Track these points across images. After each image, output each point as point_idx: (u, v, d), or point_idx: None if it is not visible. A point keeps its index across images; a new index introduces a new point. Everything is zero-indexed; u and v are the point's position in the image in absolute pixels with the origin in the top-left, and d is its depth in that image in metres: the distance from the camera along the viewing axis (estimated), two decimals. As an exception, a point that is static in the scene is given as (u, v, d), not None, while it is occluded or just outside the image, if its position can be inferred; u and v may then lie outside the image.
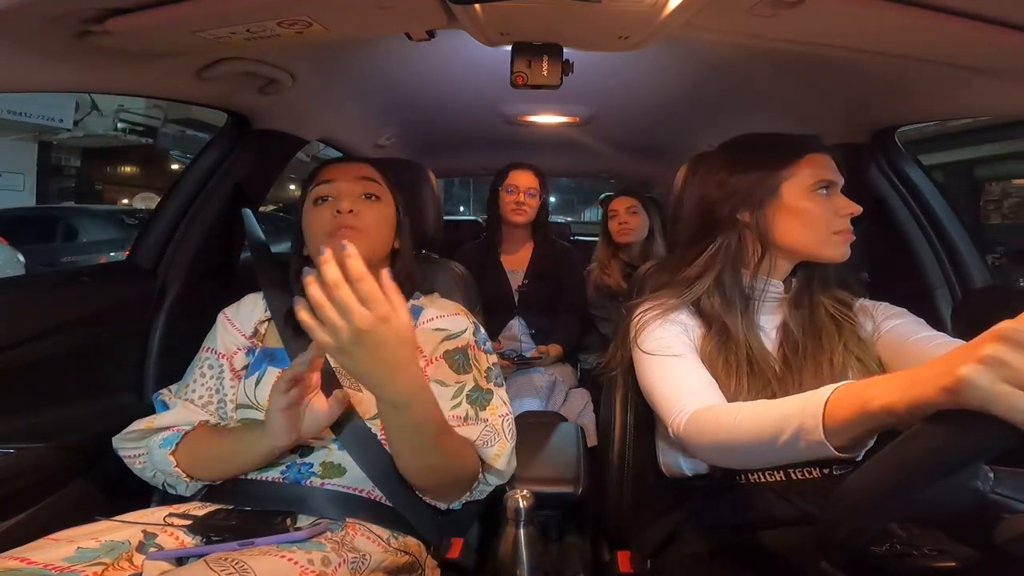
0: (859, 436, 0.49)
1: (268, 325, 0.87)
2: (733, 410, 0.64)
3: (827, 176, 0.78)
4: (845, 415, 0.49)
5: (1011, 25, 0.64)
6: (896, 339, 0.78)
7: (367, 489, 0.76)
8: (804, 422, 0.52)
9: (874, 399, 0.46)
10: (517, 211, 1.74)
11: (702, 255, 0.83)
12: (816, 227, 0.78)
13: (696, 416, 0.67)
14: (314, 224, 0.83)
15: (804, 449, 0.52)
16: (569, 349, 1.78)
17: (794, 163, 0.79)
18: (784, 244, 0.80)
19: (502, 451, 0.80)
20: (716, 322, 0.80)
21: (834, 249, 0.78)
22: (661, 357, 0.77)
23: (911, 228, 1.12)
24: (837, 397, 0.50)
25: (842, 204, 0.78)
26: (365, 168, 0.89)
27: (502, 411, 0.84)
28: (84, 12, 0.64)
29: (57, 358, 0.89)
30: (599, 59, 0.93)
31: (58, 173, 7.03)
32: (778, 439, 0.54)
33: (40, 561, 0.56)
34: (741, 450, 0.61)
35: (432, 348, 0.85)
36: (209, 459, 0.76)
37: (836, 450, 0.50)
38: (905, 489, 0.42)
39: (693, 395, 0.71)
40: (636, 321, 0.83)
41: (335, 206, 0.82)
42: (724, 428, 0.62)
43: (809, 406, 0.52)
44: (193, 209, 1.13)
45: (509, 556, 0.74)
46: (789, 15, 0.65)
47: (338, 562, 0.61)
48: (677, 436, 0.68)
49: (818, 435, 0.50)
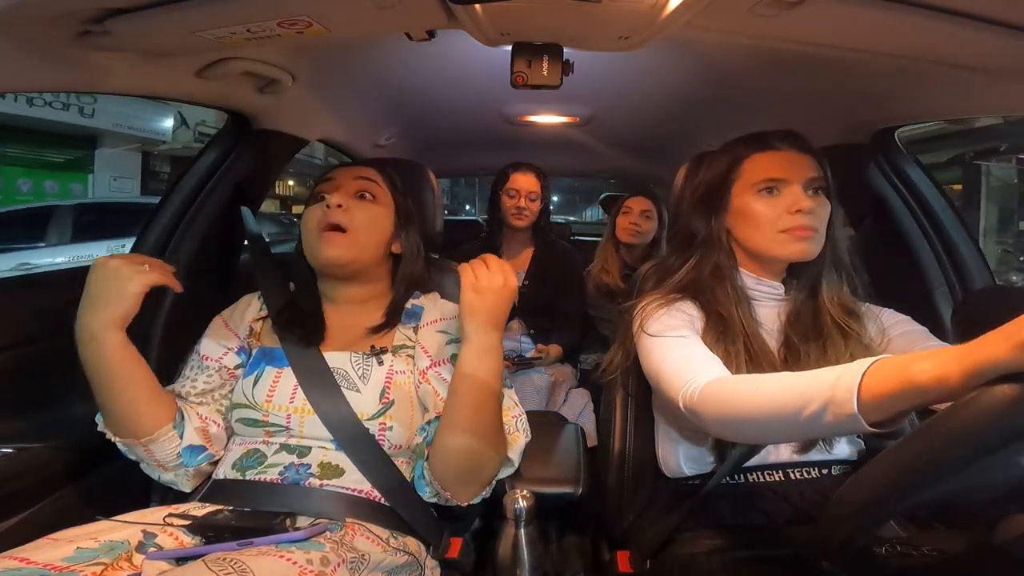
0: (899, 411, 0.48)
1: (263, 324, 0.87)
2: (752, 381, 0.62)
3: (770, 175, 0.78)
4: (886, 389, 0.47)
5: (1011, 25, 0.64)
6: (899, 349, 0.76)
7: (366, 490, 0.76)
8: (836, 394, 0.50)
9: (923, 372, 0.45)
10: (518, 216, 1.72)
11: (692, 257, 0.85)
12: (761, 227, 0.79)
13: (710, 386, 0.65)
14: (307, 220, 0.85)
15: (831, 423, 0.51)
16: (569, 350, 1.77)
17: (738, 166, 0.81)
18: (745, 246, 0.82)
19: (516, 441, 0.81)
20: (714, 313, 0.80)
21: (783, 248, 0.78)
22: (668, 337, 0.76)
23: (911, 228, 1.12)
24: (876, 370, 0.49)
25: (790, 201, 0.77)
26: (364, 170, 0.89)
27: (514, 412, 0.84)
28: (84, 12, 0.64)
29: (57, 358, 0.89)
30: (599, 59, 0.93)
31: (155, 178, 8.61)
32: (802, 412, 0.53)
33: (39, 561, 0.56)
34: (757, 423, 0.59)
35: (437, 349, 0.85)
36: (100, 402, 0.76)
37: (869, 425, 0.49)
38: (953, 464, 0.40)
39: (704, 368, 0.69)
40: (640, 311, 0.82)
41: (327, 202, 0.83)
42: (741, 399, 0.60)
43: (844, 378, 0.50)
44: (193, 209, 1.13)
45: (509, 556, 0.74)
46: (789, 15, 0.65)
47: (337, 562, 0.61)
48: (689, 408, 0.66)
49: (850, 408, 0.49)
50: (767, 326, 0.82)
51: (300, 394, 0.78)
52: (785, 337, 0.82)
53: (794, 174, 0.78)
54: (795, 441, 0.77)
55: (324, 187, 0.87)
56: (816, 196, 0.78)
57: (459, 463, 0.76)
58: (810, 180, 0.78)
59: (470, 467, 0.77)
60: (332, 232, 0.82)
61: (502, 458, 0.79)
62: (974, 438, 0.39)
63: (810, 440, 0.78)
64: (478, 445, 0.75)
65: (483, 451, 0.76)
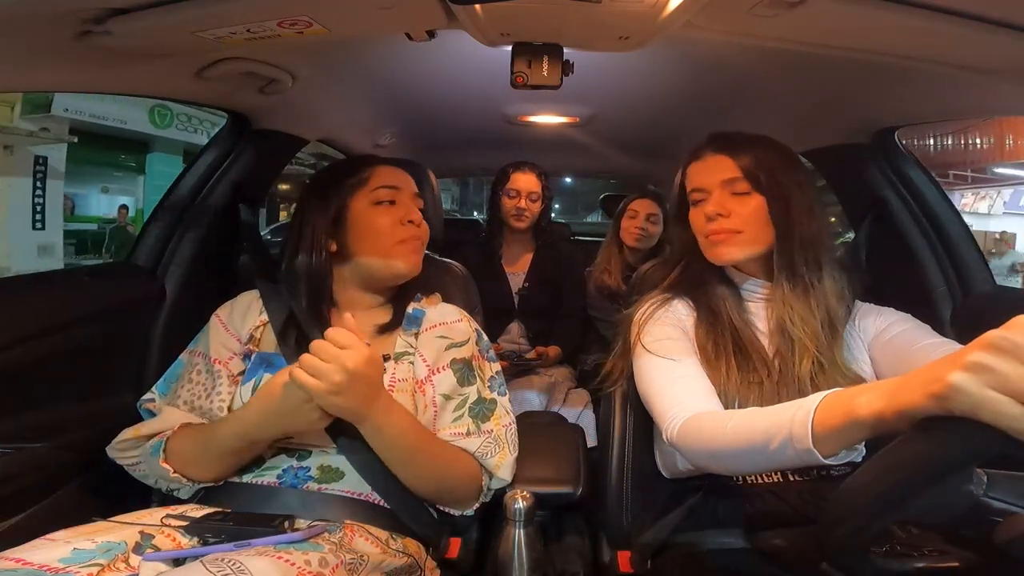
0: (847, 443, 0.50)
1: (264, 330, 0.86)
2: (724, 418, 0.64)
3: (694, 185, 0.82)
4: (834, 423, 0.49)
5: (1011, 25, 0.64)
6: (900, 345, 0.76)
7: (365, 493, 0.76)
8: (793, 430, 0.52)
9: (862, 407, 0.47)
10: (518, 217, 1.71)
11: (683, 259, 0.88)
12: (696, 235, 0.83)
13: (688, 423, 0.67)
14: (382, 226, 0.85)
15: (793, 456, 0.53)
16: (568, 351, 1.77)
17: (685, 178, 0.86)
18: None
19: (503, 461, 0.81)
20: (704, 308, 0.82)
21: (708, 252, 0.82)
22: (660, 360, 0.77)
23: (911, 229, 1.12)
24: (825, 406, 0.51)
25: (709, 208, 0.79)
26: (411, 181, 0.92)
27: (505, 420, 0.84)
28: (84, 12, 0.63)
29: (57, 358, 0.89)
30: (599, 59, 0.93)
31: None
32: (768, 447, 0.55)
33: (36, 562, 0.56)
34: (732, 456, 0.62)
35: (436, 356, 0.84)
36: (198, 457, 0.75)
37: (824, 457, 0.51)
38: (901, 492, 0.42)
39: (688, 402, 0.71)
40: (638, 320, 0.84)
41: (404, 215, 0.85)
42: (715, 435, 0.63)
43: (799, 414, 0.52)
44: (193, 209, 1.13)
45: (509, 556, 0.74)
46: (789, 15, 0.65)
47: (335, 563, 0.61)
48: (671, 442, 0.69)
49: (807, 443, 0.51)
50: (758, 323, 0.83)
51: None
52: (777, 337, 0.81)
53: (711, 180, 0.80)
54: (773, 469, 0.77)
55: (392, 195, 0.87)
56: (736, 197, 0.79)
57: (423, 492, 0.78)
58: (724, 182, 0.79)
59: (434, 494, 0.79)
60: (415, 241, 0.85)
61: (472, 474, 0.79)
62: (918, 469, 0.42)
63: None
64: (428, 480, 0.77)
65: (437, 484, 0.78)
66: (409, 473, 0.75)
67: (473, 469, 0.80)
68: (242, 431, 0.72)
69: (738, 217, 0.77)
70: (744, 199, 0.78)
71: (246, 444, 0.72)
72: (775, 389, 0.76)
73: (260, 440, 0.73)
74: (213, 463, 0.74)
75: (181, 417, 0.80)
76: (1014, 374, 0.37)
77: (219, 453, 0.73)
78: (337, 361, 0.64)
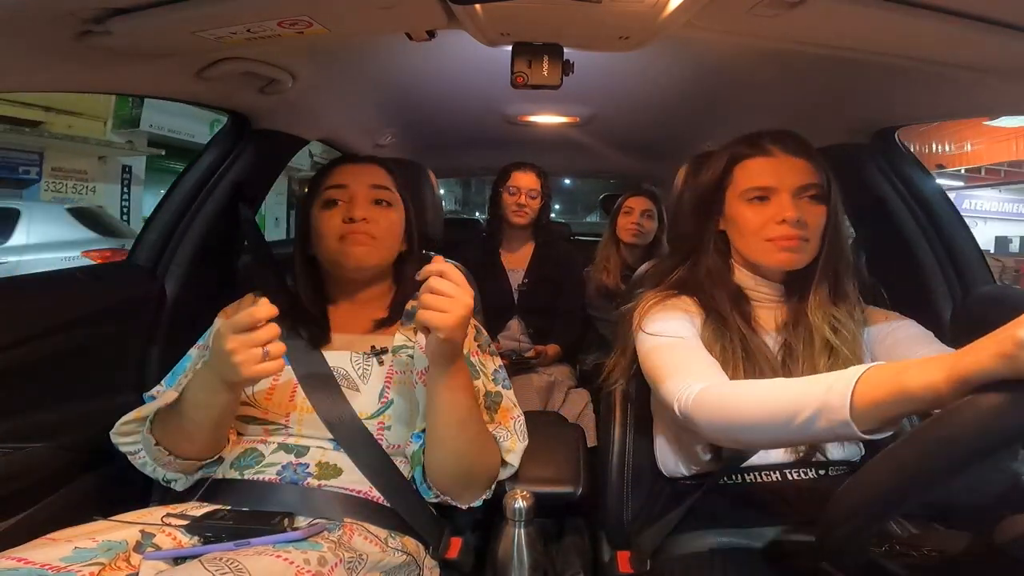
0: (890, 418, 0.49)
1: None
2: (745, 387, 0.63)
3: (758, 183, 0.78)
4: (878, 395, 0.48)
5: (1011, 25, 0.64)
6: (903, 352, 0.76)
7: (364, 490, 0.76)
8: (830, 400, 0.51)
9: (914, 379, 0.45)
10: (518, 213, 1.74)
11: (689, 258, 0.86)
12: (748, 235, 0.79)
13: (704, 392, 0.65)
14: (326, 228, 0.84)
15: (823, 429, 0.51)
16: (568, 349, 1.77)
17: (731, 171, 0.81)
18: (739, 251, 0.83)
19: (514, 447, 0.81)
20: (712, 311, 0.80)
21: (769, 256, 0.78)
22: (666, 338, 0.76)
23: (911, 229, 1.12)
24: (869, 377, 0.50)
25: (776, 210, 0.76)
26: (377, 174, 0.89)
27: (513, 413, 0.85)
28: (84, 12, 0.63)
29: (57, 358, 0.89)
30: (599, 59, 0.93)
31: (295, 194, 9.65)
32: (795, 418, 0.53)
33: (37, 561, 0.56)
34: (750, 428, 0.60)
35: None
36: (179, 423, 0.73)
37: (861, 432, 0.49)
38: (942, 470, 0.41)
39: (700, 373, 0.69)
40: (639, 310, 0.82)
41: (347, 212, 0.83)
42: (734, 405, 0.61)
43: (837, 385, 0.51)
44: (193, 209, 1.13)
45: (509, 556, 0.74)
46: (789, 15, 0.65)
47: (335, 562, 0.61)
48: (684, 413, 0.66)
49: (843, 415, 0.49)
50: (766, 327, 0.82)
51: (300, 393, 0.78)
52: (784, 339, 0.81)
53: (783, 181, 0.77)
54: (787, 447, 0.77)
55: (338, 193, 0.85)
56: (809, 203, 0.77)
57: (452, 473, 0.77)
58: (801, 188, 0.77)
59: (463, 476, 0.78)
60: (355, 235, 0.83)
61: (496, 462, 0.79)
62: (961, 445, 0.40)
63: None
64: (467, 456, 0.76)
65: (473, 460, 0.77)
66: (460, 437, 0.74)
67: (496, 452, 0.80)
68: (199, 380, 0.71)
69: (805, 226, 0.76)
70: (816, 208, 0.77)
71: (207, 394, 0.70)
72: None
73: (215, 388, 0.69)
74: (188, 425, 0.72)
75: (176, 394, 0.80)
76: None
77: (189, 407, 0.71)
78: (459, 294, 0.68)
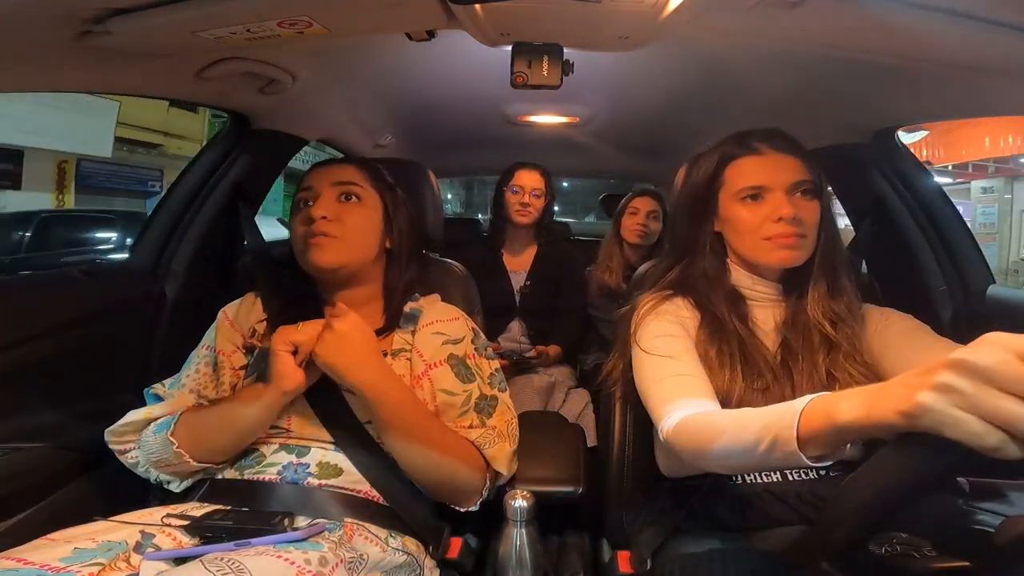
0: (831, 447, 0.51)
1: (265, 326, 0.87)
2: (717, 418, 0.65)
3: (751, 182, 0.78)
4: (817, 427, 0.50)
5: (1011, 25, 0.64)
6: (901, 344, 0.76)
7: (364, 490, 0.76)
8: (780, 433, 0.53)
9: (843, 413, 0.48)
10: (522, 212, 1.73)
11: (684, 259, 0.86)
12: (745, 234, 0.79)
13: (683, 423, 0.67)
14: (294, 233, 0.85)
15: (780, 458, 0.54)
16: (568, 350, 1.77)
17: (722, 172, 0.81)
18: (735, 250, 0.83)
19: (501, 452, 0.81)
20: (708, 312, 0.81)
21: (768, 255, 0.78)
22: (657, 357, 0.76)
23: (911, 228, 1.12)
24: (810, 410, 0.52)
25: (771, 208, 0.76)
26: (345, 171, 0.87)
27: (507, 416, 0.85)
28: (84, 12, 0.63)
29: (57, 358, 0.89)
30: (599, 59, 0.93)
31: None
32: (757, 448, 0.55)
33: (37, 561, 0.56)
34: (724, 456, 0.62)
35: (433, 352, 0.85)
36: (211, 429, 0.75)
37: (809, 460, 0.51)
38: (888, 500, 0.44)
39: (683, 401, 0.71)
40: (636, 316, 0.83)
41: (308, 213, 0.82)
42: (708, 436, 0.63)
43: (785, 417, 0.53)
44: (193, 209, 1.13)
45: (509, 556, 0.74)
46: (789, 15, 0.65)
47: (335, 562, 0.61)
48: (666, 441, 0.69)
49: (792, 446, 0.51)
50: (764, 327, 0.82)
51: (300, 395, 0.78)
52: (782, 339, 0.81)
53: (776, 179, 0.77)
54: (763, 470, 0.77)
55: (304, 195, 0.85)
56: (803, 200, 0.77)
57: (424, 479, 0.78)
58: (794, 184, 0.77)
59: (437, 481, 0.78)
60: (318, 238, 0.81)
61: (471, 472, 0.79)
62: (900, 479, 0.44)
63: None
64: (431, 469, 0.77)
65: (440, 466, 0.77)
66: (410, 453, 0.75)
67: (476, 459, 0.80)
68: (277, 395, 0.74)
69: (801, 222, 0.76)
70: (810, 204, 0.77)
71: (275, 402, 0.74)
72: (781, 393, 0.76)
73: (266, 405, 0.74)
74: (236, 432, 0.76)
75: (191, 400, 0.82)
76: (978, 394, 0.38)
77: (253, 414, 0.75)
78: (326, 323, 0.73)
